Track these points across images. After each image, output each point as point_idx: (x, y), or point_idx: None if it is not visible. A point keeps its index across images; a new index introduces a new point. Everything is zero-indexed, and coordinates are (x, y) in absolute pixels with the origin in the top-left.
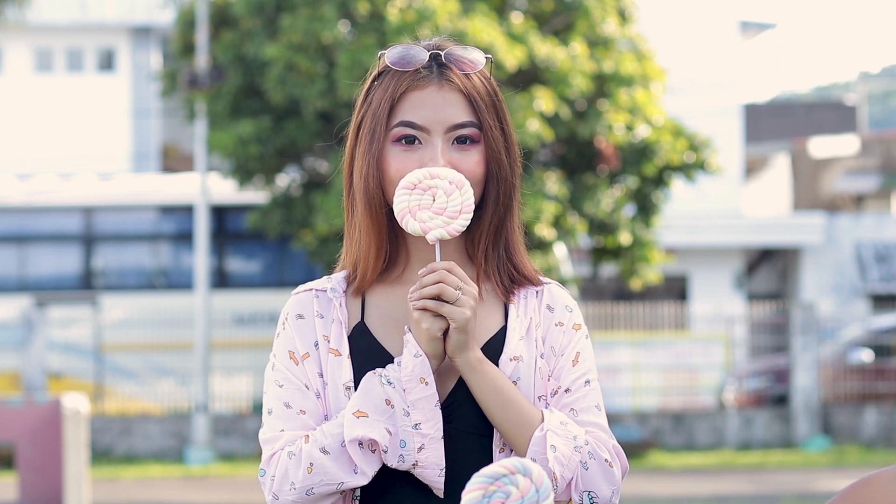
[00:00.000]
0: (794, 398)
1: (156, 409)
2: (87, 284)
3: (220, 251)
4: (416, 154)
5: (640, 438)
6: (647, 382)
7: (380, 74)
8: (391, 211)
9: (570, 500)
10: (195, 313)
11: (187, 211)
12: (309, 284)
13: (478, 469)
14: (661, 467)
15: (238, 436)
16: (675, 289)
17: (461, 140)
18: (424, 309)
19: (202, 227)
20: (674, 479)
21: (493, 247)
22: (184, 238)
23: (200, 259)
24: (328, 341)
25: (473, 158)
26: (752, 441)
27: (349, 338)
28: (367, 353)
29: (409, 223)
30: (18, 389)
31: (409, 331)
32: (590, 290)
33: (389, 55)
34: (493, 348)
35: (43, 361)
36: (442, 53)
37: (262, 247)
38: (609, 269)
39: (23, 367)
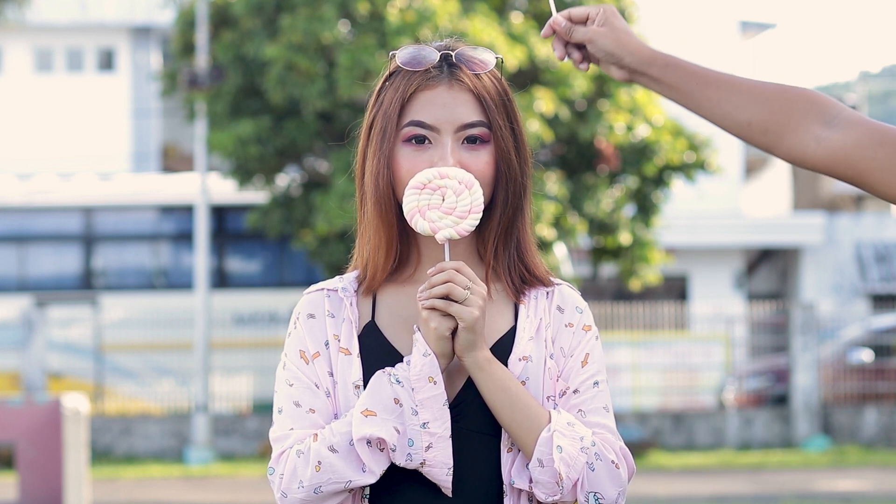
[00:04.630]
0: (794, 398)
1: (156, 409)
2: (87, 284)
3: (220, 251)
4: (427, 154)
5: (640, 438)
6: (647, 382)
7: (391, 74)
8: (402, 210)
9: (576, 500)
10: (195, 313)
11: (187, 211)
12: (320, 284)
13: (485, 468)
14: (661, 467)
15: (238, 436)
16: (675, 289)
17: (471, 140)
18: (433, 308)
19: (202, 227)
20: (674, 479)
21: (503, 247)
22: (184, 238)
23: (200, 259)
24: (338, 340)
25: (483, 159)
26: (752, 441)
27: (359, 337)
28: (377, 353)
29: (418, 223)
30: (18, 389)
31: (419, 330)
32: (590, 290)
33: (400, 55)
34: (503, 348)
35: (43, 361)
36: (452, 53)
37: (262, 247)
38: (609, 269)
39: (23, 367)
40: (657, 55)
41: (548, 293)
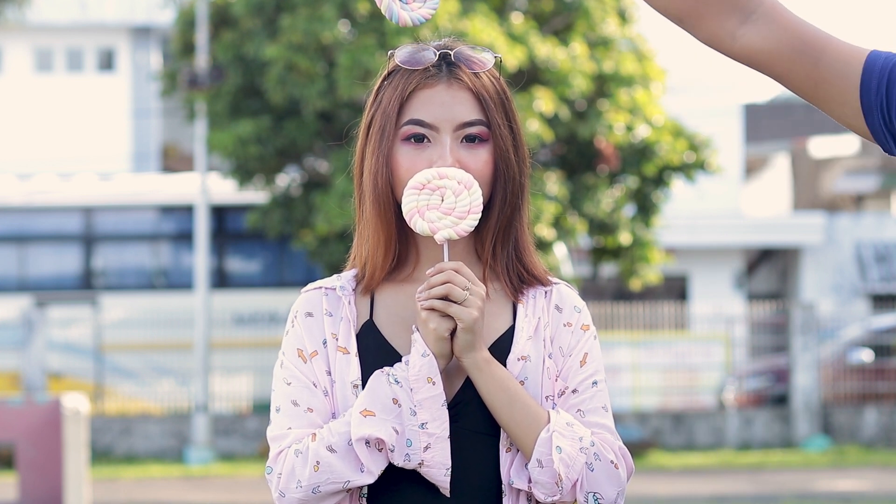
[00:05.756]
0: (794, 398)
1: (156, 409)
2: (87, 284)
3: (220, 251)
4: (426, 153)
5: (640, 438)
6: (647, 382)
7: (389, 74)
8: (400, 209)
9: (575, 500)
10: (195, 313)
11: (187, 211)
12: (318, 283)
13: (484, 469)
14: (661, 467)
15: (238, 436)
16: (675, 289)
17: (470, 139)
18: (432, 309)
19: (202, 227)
20: (674, 479)
21: (501, 246)
22: (184, 238)
23: (200, 259)
24: (336, 339)
25: (482, 157)
26: (752, 441)
27: (357, 336)
28: (376, 352)
29: (417, 223)
30: (18, 389)
31: (417, 330)
32: (590, 290)
33: (399, 54)
34: (501, 348)
35: (43, 361)
36: (451, 52)
37: (262, 247)
38: (609, 269)
39: (23, 367)
40: None
41: (546, 292)
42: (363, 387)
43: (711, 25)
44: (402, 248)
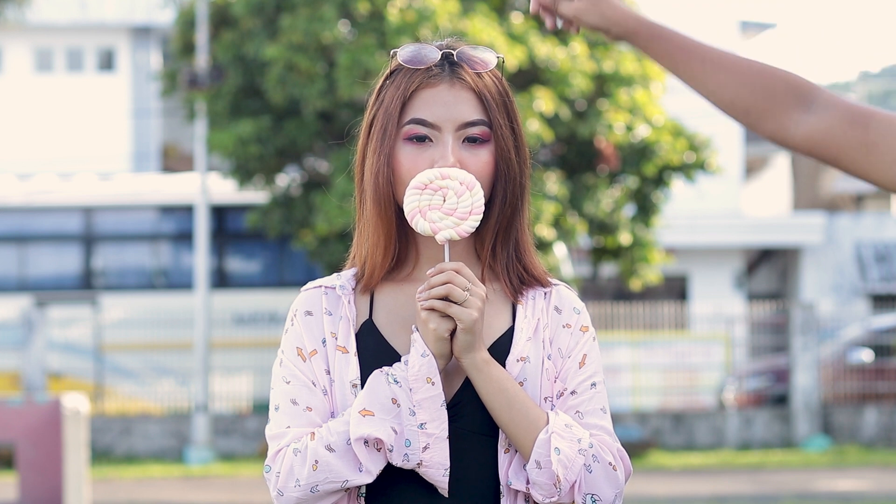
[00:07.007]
0: (794, 398)
1: (156, 409)
2: (87, 284)
3: (220, 251)
4: (427, 152)
5: (640, 438)
6: (647, 382)
7: (392, 73)
8: (401, 209)
9: (573, 502)
10: (195, 313)
11: (187, 211)
12: (318, 281)
13: (482, 469)
14: (661, 467)
15: (238, 436)
16: (675, 289)
17: (471, 139)
18: (432, 309)
19: (202, 227)
20: (674, 479)
21: (501, 246)
22: (184, 238)
23: (200, 259)
24: (336, 338)
25: (483, 157)
26: (752, 441)
27: (357, 335)
28: (375, 351)
29: (419, 223)
30: (18, 389)
31: (417, 330)
32: (590, 290)
33: (402, 54)
34: (501, 349)
35: (43, 361)
36: (454, 52)
37: (262, 247)
38: (609, 269)
39: (23, 367)
40: (642, 26)
41: (545, 294)
42: (362, 386)
43: (778, 116)
44: (402, 247)
